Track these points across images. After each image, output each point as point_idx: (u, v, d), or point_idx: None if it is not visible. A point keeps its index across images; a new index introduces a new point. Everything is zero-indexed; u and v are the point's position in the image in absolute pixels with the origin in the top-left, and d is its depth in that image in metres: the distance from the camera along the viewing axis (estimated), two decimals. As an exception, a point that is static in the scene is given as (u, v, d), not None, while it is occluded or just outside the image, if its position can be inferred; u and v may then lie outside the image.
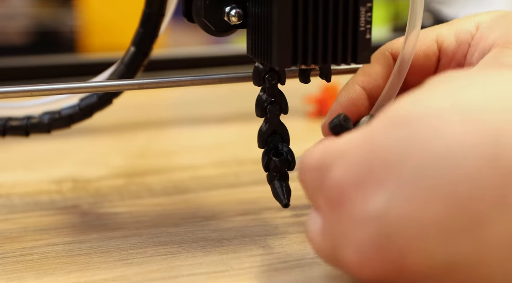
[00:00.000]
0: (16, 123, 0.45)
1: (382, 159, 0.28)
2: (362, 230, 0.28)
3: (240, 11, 0.39)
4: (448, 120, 0.27)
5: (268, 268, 0.37)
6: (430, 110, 0.27)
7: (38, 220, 0.45)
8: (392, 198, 0.27)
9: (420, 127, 0.27)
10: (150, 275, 0.37)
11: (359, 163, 0.29)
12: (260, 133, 0.40)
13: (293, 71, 0.41)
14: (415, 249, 0.27)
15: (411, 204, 0.27)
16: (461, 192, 0.26)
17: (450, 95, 0.28)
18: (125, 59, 0.42)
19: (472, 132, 0.26)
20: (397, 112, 0.28)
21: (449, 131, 0.26)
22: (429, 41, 0.40)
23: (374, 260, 0.28)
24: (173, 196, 0.49)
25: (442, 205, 0.26)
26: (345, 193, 0.29)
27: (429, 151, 0.26)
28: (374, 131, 0.29)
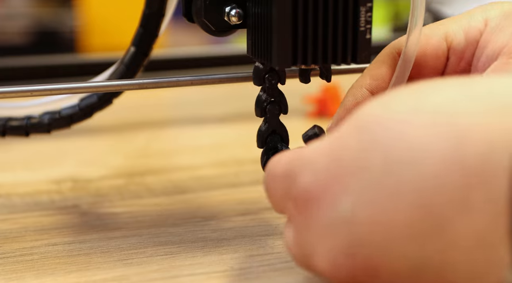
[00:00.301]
0: (16, 123, 0.45)
1: (346, 165, 0.28)
2: (331, 237, 0.28)
3: (240, 11, 0.38)
4: (411, 124, 0.26)
5: (268, 268, 0.37)
6: (393, 113, 0.27)
7: (38, 220, 0.45)
8: (357, 204, 0.27)
9: (382, 131, 0.27)
10: (150, 275, 0.37)
11: (325, 170, 0.29)
12: (259, 133, 0.40)
13: (293, 71, 0.41)
14: (383, 254, 0.27)
15: (376, 209, 0.27)
16: (424, 196, 0.26)
17: (414, 99, 0.27)
18: (125, 59, 0.42)
19: (434, 135, 0.26)
20: (361, 117, 0.28)
21: (411, 134, 0.26)
22: (437, 40, 0.39)
23: (345, 266, 0.28)
24: (173, 196, 0.49)
25: (406, 209, 0.26)
26: (312, 200, 0.29)
27: (391, 155, 0.26)
28: (339, 137, 0.29)
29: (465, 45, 0.39)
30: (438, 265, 0.26)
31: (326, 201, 0.28)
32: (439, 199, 0.25)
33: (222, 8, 0.39)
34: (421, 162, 0.26)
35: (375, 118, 0.27)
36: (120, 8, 1.75)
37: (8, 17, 2.10)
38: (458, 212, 0.25)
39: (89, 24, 1.93)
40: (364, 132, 0.28)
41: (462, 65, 0.39)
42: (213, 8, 0.39)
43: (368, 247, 0.27)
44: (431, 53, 0.39)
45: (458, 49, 0.39)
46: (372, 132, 0.27)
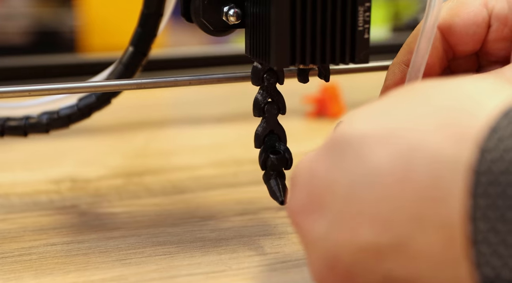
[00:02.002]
0: (15, 123, 0.45)
1: (320, 186, 0.29)
2: (314, 252, 0.30)
3: (238, 11, 0.38)
4: (369, 144, 0.27)
5: (267, 268, 0.37)
6: (357, 132, 0.27)
7: (37, 220, 0.45)
8: (330, 223, 0.28)
9: (347, 152, 0.28)
10: (148, 275, 0.37)
11: (303, 190, 0.30)
12: (257, 133, 0.40)
13: (293, 71, 0.41)
14: (357, 268, 0.28)
15: (345, 229, 0.28)
16: (383, 214, 0.26)
17: (377, 115, 0.28)
18: (124, 59, 0.42)
19: (387, 154, 0.26)
20: (335, 135, 0.29)
21: (369, 154, 0.27)
22: (476, 7, 0.37)
23: (328, 279, 0.29)
24: (171, 196, 0.49)
25: (369, 227, 0.27)
26: (295, 219, 0.30)
27: (354, 175, 0.27)
28: (315, 156, 0.30)
29: (509, 10, 0.37)
30: (407, 278, 0.27)
31: (306, 220, 0.30)
32: (397, 217, 0.26)
33: (220, 7, 0.39)
34: (378, 181, 0.26)
35: (343, 137, 0.28)
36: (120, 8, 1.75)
37: (8, 17, 2.10)
38: (415, 228, 0.25)
39: (89, 24, 1.93)
40: (334, 152, 0.28)
41: (505, 32, 0.38)
42: (212, 7, 0.38)
43: (343, 261, 0.28)
44: (469, 21, 0.37)
45: (502, 15, 0.37)
46: (340, 153, 0.28)
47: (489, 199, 0.23)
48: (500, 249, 0.23)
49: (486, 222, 0.23)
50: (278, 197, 0.40)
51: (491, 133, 0.24)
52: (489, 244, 0.23)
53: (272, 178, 0.40)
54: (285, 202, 0.39)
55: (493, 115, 0.24)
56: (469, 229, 0.24)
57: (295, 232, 0.32)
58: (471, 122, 0.25)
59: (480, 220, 0.23)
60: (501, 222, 0.23)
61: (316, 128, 0.67)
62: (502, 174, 0.23)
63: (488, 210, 0.23)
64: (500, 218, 0.23)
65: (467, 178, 0.24)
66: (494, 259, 0.23)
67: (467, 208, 0.24)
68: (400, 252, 0.26)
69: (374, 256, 0.27)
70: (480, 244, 0.23)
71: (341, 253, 0.28)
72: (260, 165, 0.40)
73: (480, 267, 0.24)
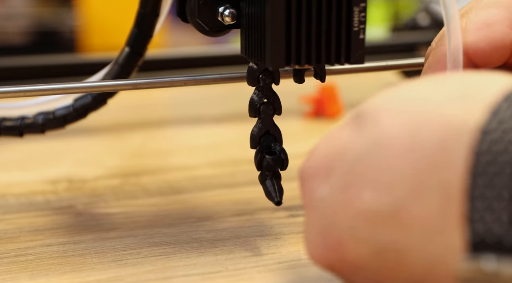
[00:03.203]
0: (10, 123, 0.45)
1: (334, 152, 0.30)
2: (311, 216, 0.30)
3: (233, 11, 0.38)
4: (384, 114, 0.28)
5: (263, 269, 0.37)
6: (375, 105, 0.29)
7: (33, 221, 0.44)
8: (333, 186, 0.29)
9: (364, 122, 0.29)
10: (144, 276, 0.37)
11: (318, 155, 0.31)
12: (253, 133, 0.40)
13: (289, 71, 0.41)
14: (350, 237, 0.28)
15: (345, 194, 0.28)
16: (385, 179, 0.27)
17: (394, 93, 0.29)
18: (120, 60, 0.42)
19: (399, 122, 0.27)
20: (357, 109, 0.30)
21: (382, 123, 0.28)
22: (504, 29, 0.37)
23: (320, 249, 0.30)
24: (168, 196, 0.49)
25: (369, 193, 0.27)
26: (304, 181, 0.31)
27: (365, 142, 0.28)
28: (338, 126, 0.31)
29: None
30: (397, 248, 0.27)
31: (314, 182, 0.30)
32: (397, 183, 0.27)
33: (215, 8, 0.38)
34: (386, 148, 0.27)
35: (363, 110, 0.29)
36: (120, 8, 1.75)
37: (8, 17, 2.10)
38: (413, 195, 0.26)
39: (89, 24, 1.93)
40: (351, 123, 0.30)
41: None
42: (207, 8, 0.38)
43: (338, 229, 0.29)
44: (496, 44, 0.37)
45: None
46: (358, 123, 0.29)
47: (490, 155, 0.24)
48: (495, 203, 0.24)
49: (485, 177, 0.24)
50: (274, 198, 0.40)
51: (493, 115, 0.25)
52: (485, 199, 0.24)
53: (267, 179, 0.40)
54: (281, 202, 0.39)
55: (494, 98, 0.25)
56: (467, 185, 0.25)
57: (301, 196, 0.32)
58: (481, 95, 0.26)
59: (479, 176, 0.24)
60: (498, 176, 0.24)
61: (314, 128, 0.67)
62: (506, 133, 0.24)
63: (489, 166, 0.24)
64: (499, 173, 0.24)
65: (474, 137, 0.25)
66: (487, 213, 0.24)
67: (469, 166, 0.25)
68: (396, 219, 0.27)
69: (370, 222, 0.27)
70: (476, 199, 0.24)
71: (337, 218, 0.28)
72: (255, 166, 0.40)
73: (473, 223, 0.24)
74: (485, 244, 0.24)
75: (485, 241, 0.24)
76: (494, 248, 0.24)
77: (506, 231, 0.24)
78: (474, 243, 0.24)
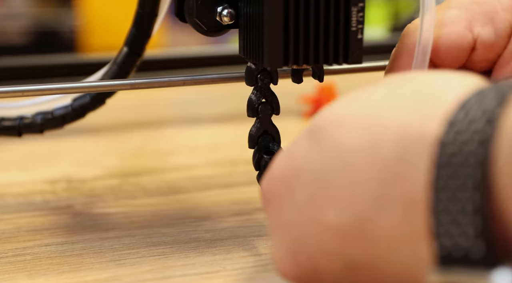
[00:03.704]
0: (9, 123, 0.45)
1: (294, 168, 0.29)
2: (278, 237, 0.30)
3: (232, 11, 0.38)
4: (341, 127, 0.28)
5: (261, 269, 0.37)
6: (332, 117, 0.28)
7: (31, 221, 0.44)
8: (297, 205, 0.28)
9: (321, 136, 0.28)
10: (142, 275, 0.37)
11: (278, 172, 0.30)
12: (251, 133, 0.40)
13: (287, 71, 0.41)
14: (321, 253, 0.28)
15: (309, 211, 0.28)
16: (347, 195, 0.27)
17: (351, 102, 0.29)
18: (118, 60, 0.42)
19: (357, 135, 0.27)
20: (314, 120, 0.29)
21: (340, 137, 0.27)
22: (461, 30, 0.37)
23: (290, 266, 0.29)
24: (167, 196, 0.49)
25: (333, 209, 0.27)
26: (266, 199, 0.31)
27: (325, 158, 0.28)
28: (296, 139, 0.30)
29: (495, 37, 0.37)
30: (367, 262, 0.27)
31: (276, 201, 0.30)
32: (359, 196, 0.26)
33: (214, 8, 0.38)
34: (346, 163, 0.27)
35: (319, 122, 0.29)
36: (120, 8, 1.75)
37: (8, 17, 2.10)
38: (377, 209, 0.26)
39: (89, 24, 1.93)
40: (308, 137, 0.29)
41: (490, 57, 0.38)
42: (205, 8, 0.38)
43: (307, 247, 0.28)
44: (453, 44, 0.37)
45: (488, 42, 0.37)
46: (313, 137, 0.29)
47: (451, 169, 0.24)
48: (460, 217, 0.24)
49: (447, 191, 0.24)
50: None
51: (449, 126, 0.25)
52: (449, 213, 0.24)
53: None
54: None
55: (450, 107, 0.25)
56: (431, 199, 0.24)
57: (265, 216, 0.32)
58: (437, 103, 0.26)
59: (442, 190, 0.24)
60: (461, 190, 0.23)
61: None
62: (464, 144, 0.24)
63: (450, 180, 0.24)
64: (461, 187, 0.23)
65: (432, 149, 0.24)
66: (452, 227, 0.24)
67: (431, 179, 0.24)
68: (362, 234, 0.26)
69: (337, 239, 0.27)
70: (441, 213, 0.24)
71: (305, 236, 0.28)
72: (253, 166, 0.40)
73: (439, 237, 0.24)
74: (452, 258, 0.24)
75: (452, 254, 0.24)
76: (462, 262, 0.24)
77: (473, 244, 0.23)
78: (442, 257, 0.24)
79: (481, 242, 0.23)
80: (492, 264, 0.23)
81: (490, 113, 0.24)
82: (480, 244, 0.23)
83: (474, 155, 0.23)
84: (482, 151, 0.23)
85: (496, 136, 0.23)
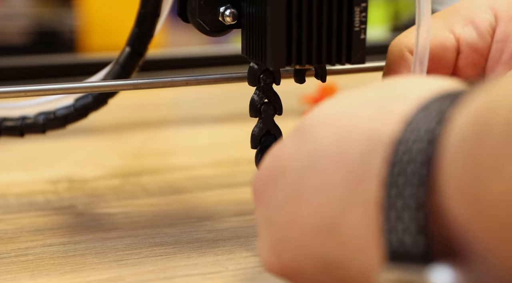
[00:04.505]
0: (11, 123, 0.45)
1: (279, 167, 0.30)
2: (263, 235, 0.30)
3: (234, 11, 0.38)
4: (318, 128, 0.28)
5: (263, 269, 0.37)
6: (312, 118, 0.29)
7: (34, 221, 0.44)
8: (278, 203, 0.29)
9: (303, 136, 0.29)
10: (144, 276, 0.37)
11: (266, 171, 0.31)
12: (254, 133, 0.40)
13: (290, 71, 0.41)
14: (299, 252, 0.29)
15: (289, 209, 0.28)
16: (320, 196, 0.27)
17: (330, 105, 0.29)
18: (120, 60, 0.42)
19: (329, 136, 0.28)
20: (300, 121, 0.30)
21: (316, 138, 0.28)
22: (443, 32, 0.38)
23: (273, 264, 0.30)
24: (169, 196, 0.49)
25: (306, 208, 0.28)
26: (255, 198, 0.31)
27: (304, 158, 0.28)
28: (284, 140, 0.31)
29: (477, 37, 0.38)
30: (339, 263, 0.27)
31: (262, 199, 0.30)
32: (331, 197, 0.27)
33: (216, 8, 0.38)
34: (319, 164, 0.27)
35: (303, 123, 0.29)
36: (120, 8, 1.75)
37: (8, 17, 2.10)
38: (343, 210, 0.26)
39: (89, 24, 1.93)
40: (293, 137, 0.30)
41: (476, 58, 0.38)
42: (208, 8, 0.38)
43: (288, 246, 0.29)
44: (437, 46, 0.38)
45: (470, 41, 0.38)
46: (299, 137, 0.29)
47: (401, 166, 0.24)
48: (404, 213, 0.24)
49: (395, 188, 0.24)
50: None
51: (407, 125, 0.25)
52: (396, 209, 0.24)
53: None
54: None
55: (411, 109, 0.25)
56: (381, 196, 0.25)
57: None
58: (400, 106, 0.26)
59: (391, 187, 0.24)
60: (407, 187, 0.24)
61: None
62: None
63: (399, 177, 0.24)
64: (407, 183, 0.24)
65: (388, 148, 0.25)
66: (398, 224, 0.24)
67: (383, 176, 0.25)
68: (332, 234, 0.27)
69: (312, 238, 0.28)
70: (390, 210, 0.24)
71: (287, 236, 0.29)
72: (256, 166, 0.40)
73: (387, 233, 0.24)
74: (397, 254, 0.24)
75: (397, 251, 0.24)
76: (405, 258, 0.24)
77: (414, 240, 0.24)
78: (390, 253, 0.24)
79: (422, 238, 0.23)
80: (431, 261, 0.23)
81: (442, 114, 0.24)
82: (421, 240, 0.23)
83: (422, 153, 0.24)
84: (430, 150, 0.24)
85: (444, 136, 0.24)
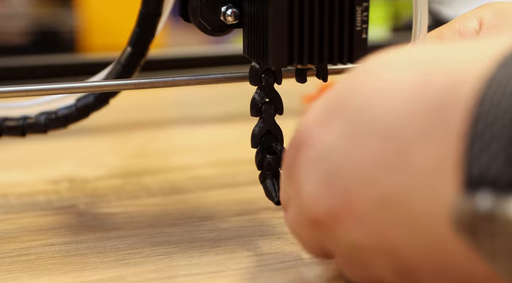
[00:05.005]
0: (13, 123, 0.45)
1: (336, 102, 0.30)
2: (315, 169, 0.30)
3: (236, 10, 0.38)
4: (396, 67, 0.29)
5: (265, 269, 0.37)
6: (385, 58, 0.30)
7: (35, 220, 0.45)
8: (339, 135, 0.29)
9: (371, 72, 0.29)
10: (146, 275, 0.37)
11: (321, 104, 0.31)
12: (254, 133, 0.40)
13: (291, 71, 0.41)
14: (356, 183, 0.29)
15: (352, 140, 0.29)
16: (392, 125, 0.28)
17: (399, 52, 0.30)
18: (122, 59, 0.42)
19: (407, 73, 0.28)
20: (359, 67, 0.31)
21: (389, 76, 0.29)
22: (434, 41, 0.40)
23: (324, 197, 0.30)
24: (170, 196, 0.49)
25: (375, 139, 0.28)
26: (307, 133, 0.31)
27: (368, 91, 0.29)
28: (337, 83, 0.31)
29: None
30: (400, 195, 0.28)
31: (316, 132, 0.31)
32: (405, 127, 0.27)
33: (218, 7, 0.38)
34: (394, 96, 0.28)
35: (367, 66, 0.30)
36: (120, 8, 1.75)
37: (8, 17, 2.10)
38: (419, 138, 0.27)
39: (89, 24, 1.93)
40: (355, 77, 0.30)
41: None
42: (209, 7, 0.38)
43: (344, 178, 0.29)
44: None
45: None
46: (361, 76, 0.30)
47: (492, 101, 0.25)
48: (493, 145, 0.24)
49: (484, 121, 0.25)
50: (274, 197, 0.40)
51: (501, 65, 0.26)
52: (482, 141, 0.24)
53: (268, 178, 0.40)
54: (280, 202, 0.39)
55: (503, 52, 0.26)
56: (467, 128, 0.25)
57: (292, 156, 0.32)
58: (490, 49, 0.27)
59: (479, 119, 0.25)
60: (498, 120, 0.24)
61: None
62: None
63: (489, 112, 0.25)
64: (497, 118, 0.24)
65: (479, 82, 0.25)
66: (484, 155, 0.24)
67: (472, 110, 0.25)
68: (400, 164, 0.27)
69: (375, 168, 0.28)
70: (475, 142, 0.25)
71: (344, 168, 0.29)
72: (256, 165, 0.40)
73: (469, 164, 0.25)
74: (480, 184, 0.24)
75: (480, 182, 0.24)
76: (489, 188, 0.24)
77: (501, 171, 0.24)
78: (469, 184, 0.25)
79: (510, 169, 0.24)
80: None
81: None
82: (509, 171, 0.24)
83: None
84: None
85: None
